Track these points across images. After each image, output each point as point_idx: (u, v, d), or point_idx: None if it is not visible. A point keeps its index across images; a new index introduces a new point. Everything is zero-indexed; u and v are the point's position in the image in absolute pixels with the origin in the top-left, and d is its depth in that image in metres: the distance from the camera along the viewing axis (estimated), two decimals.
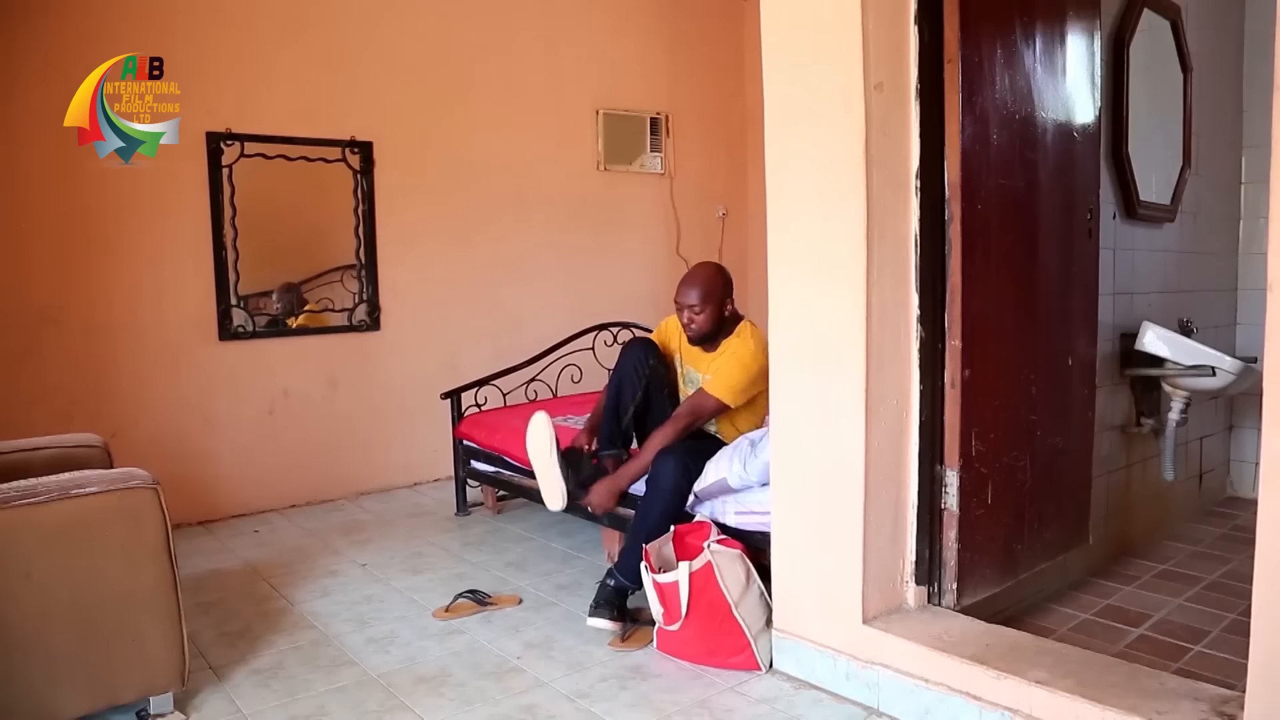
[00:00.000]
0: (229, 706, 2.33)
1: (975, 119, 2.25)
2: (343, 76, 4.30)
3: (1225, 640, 2.48)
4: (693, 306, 2.85)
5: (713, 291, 2.85)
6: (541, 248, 5.01)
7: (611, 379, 3.03)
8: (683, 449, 2.78)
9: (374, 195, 4.40)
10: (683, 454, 2.76)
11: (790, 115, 2.32)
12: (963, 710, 2.02)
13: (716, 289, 2.86)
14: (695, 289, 2.85)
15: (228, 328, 4.07)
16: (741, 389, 2.82)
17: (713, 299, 2.85)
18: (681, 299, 2.89)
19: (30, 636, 2.01)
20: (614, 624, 2.64)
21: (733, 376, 2.82)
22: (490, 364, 4.33)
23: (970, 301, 2.26)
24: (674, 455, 2.74)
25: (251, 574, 3.36)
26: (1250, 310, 3.80)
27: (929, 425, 2.29)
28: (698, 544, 2.54)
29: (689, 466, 2.74)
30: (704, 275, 2.89)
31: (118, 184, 3.74)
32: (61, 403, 3.69)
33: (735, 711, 2.24)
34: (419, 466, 4.61)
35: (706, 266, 2.95)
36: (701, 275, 2.89)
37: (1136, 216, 3.14)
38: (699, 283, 2.86)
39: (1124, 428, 3.21)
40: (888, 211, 2.19)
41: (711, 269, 2.93)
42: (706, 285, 2.85)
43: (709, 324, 2.87)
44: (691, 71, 5.57)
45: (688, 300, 2.86)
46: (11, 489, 2.01)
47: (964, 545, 2.30)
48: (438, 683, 2.44)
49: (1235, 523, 3.53)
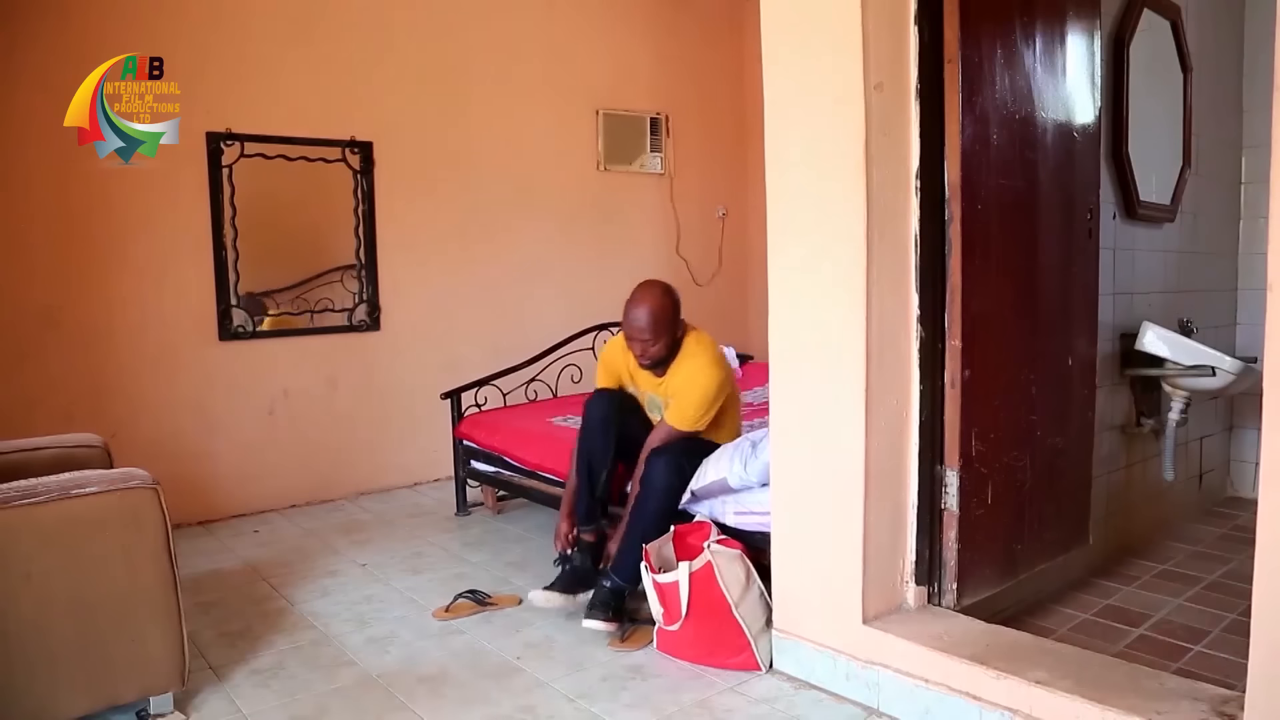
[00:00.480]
0: (229, 706, 2.33)
1: (975, 119, 2.25)
2: (343, 77, 4.30)
3: (1225, 640, 2.48)
4: (646, 340, 2.75)
5: (663, 319, 2.75)
6: (541, 248, 5.01)
7: (579, 451, 2.89)
8: (676, 448, 2.77)
9: (374, 195, 4.40)
10: (676, 453, 2.75)
11: (790, 115, 2.32)
12: (963, 710, 2.02)
13: (667, 315, 2.76)
14: (646, 320, 2.73)
15: (228, 328, 4.07)
16: (703, 415, 2.76)
17: (665, 326, 2.76)
18: (632, 331, 2.77)
19: (30, 636, 2.01)
20: (609, 624, 2.64)
21: (691, 404, 2.75)
22: (490, 364, 4.33)
23: (970, 301, 2.26)
24: (667, 454, 2.74)
25: (251, 574, 3.36)
26: (1250, 310, 3.80)
27: (929, 425, 2.29)
28: (698, 544, 2.54)
29: (682, 465, 2.73)
30: (653, 304, 2.75)
31: (118, 184, 3.75)
32: (62, 403, 3.69)
33: (735, 712, 2.24)
34: (419, 466, 4.61)
35: (652, 291, 2.79)
36: (650, 304, 2.75)
37: (1136, 216, 3.14)
38: (649, 312, 2.74)
39: (1124, 428, 3.21)
40: (888, 211, 2.19)
41: (658, 294, 2.79)
42: (656, 315, 2.74)
43: (663, 351, 2.79)
44: (692, 72, 5.57)
45: (640, 334, 2.75)
46: (12, 489, 2.01)
47: (964, 545, 2.30)
48: (438, 683, 2.43)
49: (1235, 523, 3.53)
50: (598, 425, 2.87)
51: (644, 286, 2.82)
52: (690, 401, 2.76)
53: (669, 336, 2.79)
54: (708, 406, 2.77)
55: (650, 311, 2.75)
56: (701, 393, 2.76)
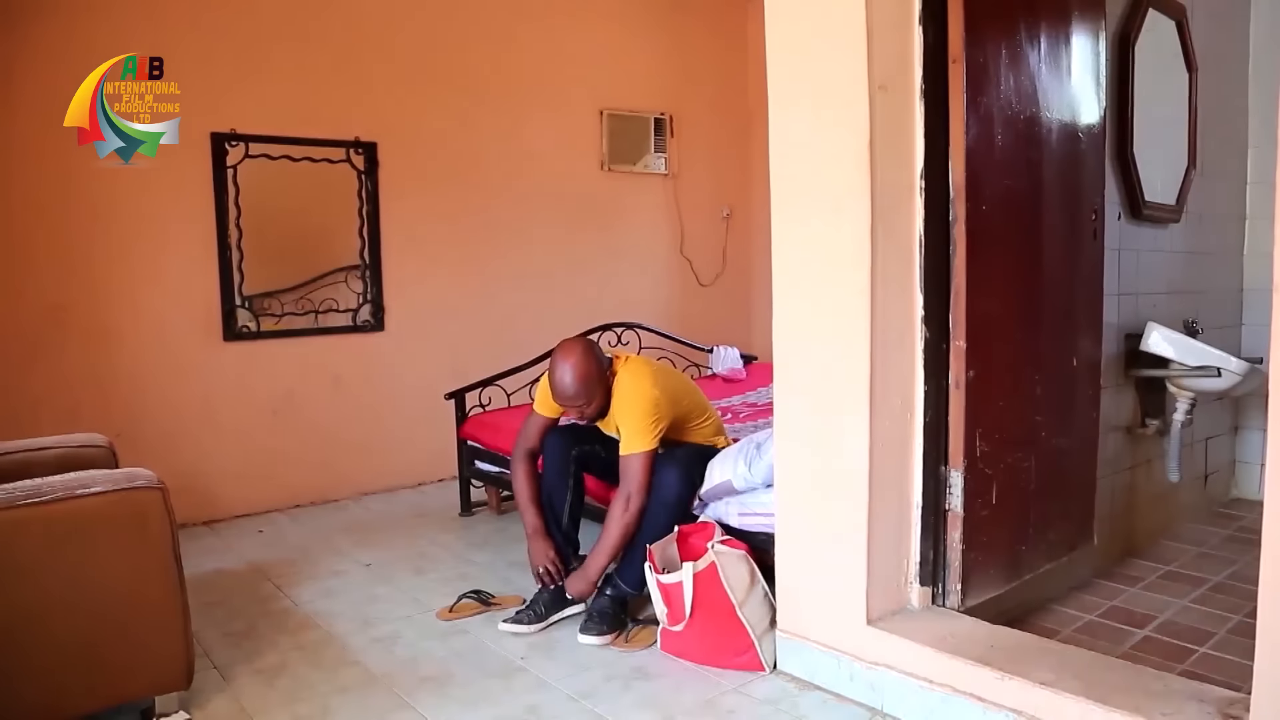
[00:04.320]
0: (233, 706, 2.33)
1: (980, 119, 2.25)
2: (347, 77, 4.31)
3: (1230, 642, 2.47)
4: (581, 404, 2.69)
5: (591, 378, 2.67)
6: (545, 248, 5.02)
7: (541, 488, 2.86)
8: (683, 457, 2.76)
9: (378, 196, 4.41)
10: (684, 463, 2.74)
11: (795, 116, 2.32)
12: (967, 711, 2.02)
13: (594, 375, 2.68)
14: (575, 387, 2.65)
15: (232, 328, 4.08)
16: (652, 432, 2.68)
17: (595, 386, 2.68)
18: (564, 401, 2.71)
19: (36, 635, 2.02)
20: (605, 638, 2.64)
21: (636, 430, 2.67)
22: (494, 364, 4.33)
23: (975, 302, 2.26)
24: (676, 464, 2.72)
25: (256, 574, 3.36)
26: (1256, 311, 3.78)
27: (933, 426, 2.29)
28: (702, 544, 2.55)
29: (692, 475, 2.73)
30: (578, 371, 2.65)
31: (123, 185, 3.75)
32: (67, 403, 3.70)
33: (739, 712, 2.24)
34: (423, 467, 4.62)
35: (572, 354, 2.67)
36: (574, 368, 2.65)
37: (1141, 217, 3.14)
38: (576, 378, 2.64)
39: (1129, 429, 3.21)
40: (892, 212, 2.19)
41: (578, 355, 2.67)
42: (584, 380, 2.65)
43: (601, 405, 2.73)
44: (696, 72, 5.57)
45: (573, 401, 2.68)
46: (17, 489, 2.01)
47: (968, 546, 2.30)
48: (441, 683, 2.44)
49: (1240, 524, 3.52)
50: (556, 468, 2.84)
51: (562, 353, 2.70)
52: (634, 428, 2.68)
53: (602, 392, 2.72)
54: (652, 423, 2.68)
55: (576, 378, 2.65)
56: (641, 414, 2.68)
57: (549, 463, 2.86)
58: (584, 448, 2.88)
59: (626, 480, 2.68)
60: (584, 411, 2.73)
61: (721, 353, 4.82)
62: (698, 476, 2.74)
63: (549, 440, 2.89)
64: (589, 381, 2.67)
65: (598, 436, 2.91)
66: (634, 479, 2.66)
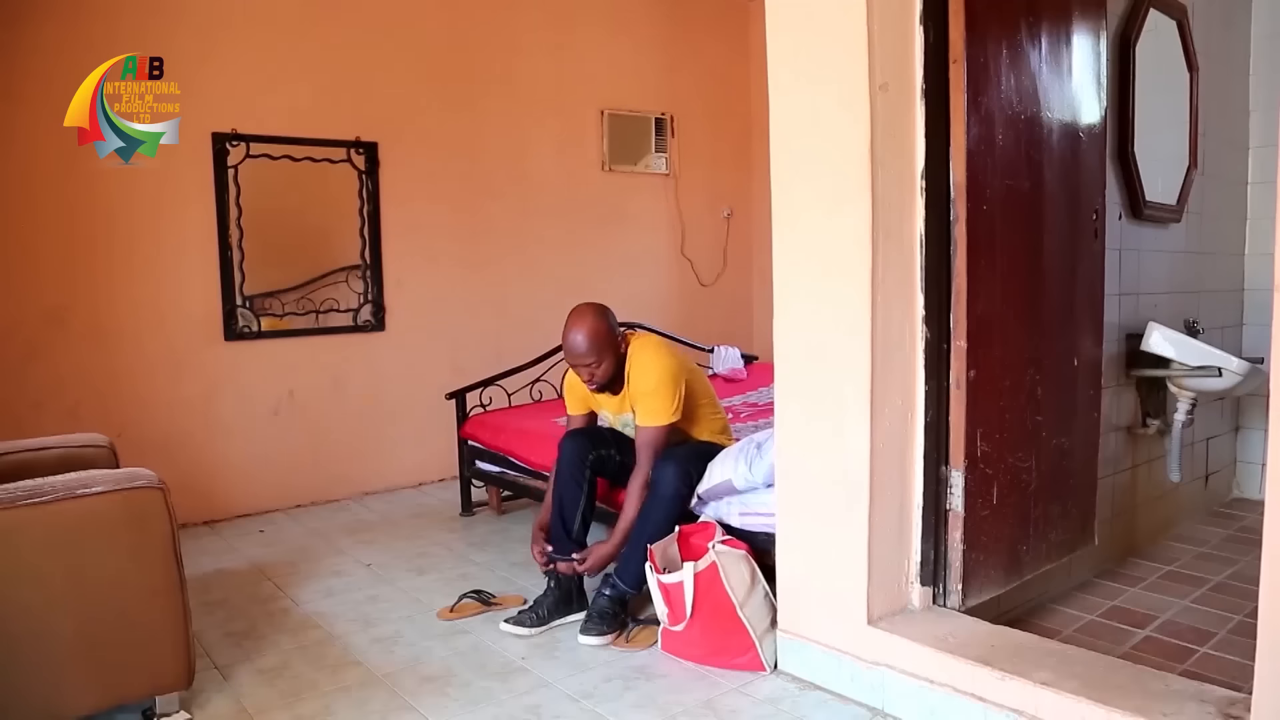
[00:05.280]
0: (234, 706, 2.33)
1: (981, 119, 2.24)
2: (348, 77, 4.31)
3: (1231, 642, 2.47)
4: (590, 364, 2.71)
5: (601, 338, 2.69)
6: (546, 248, 5.02)
7: (553, 488, 2.87)
8: (682, 454, 2.77)
9: (379, 196, 4.41)
10: (683, 460, 2.74)
11: (795, 115, 2.31)
12: (968, 711, 2.02)
13: (604, 334, 2.70)
14: (585, 345, 2.68)
15: (233, 328, 4.08)
16: (672, 405, 2.72)
17: (605, 346, 2.70)
18: (574, 359, 2.72)
19: (37, 635, 2.02)
20: (605, 638, 2.64)
21: (655, 397, 2.72)
22: (495, 364, 4.33)
23: (975, 302, 2.26)
24: (674, 461, 2.73)
25: (257, 574, 3.36)
26: (1257, 311, 3.78)
27: (934, 426, 2.29)
28: (702, 545, 2.55)
29: (689, 472, 2.73)
30: (587, 327, 2.69)
31: (124, 185, 3.76)
32: (68, 403, 3.71)
33: (740, 712, 2.24)
34: (424, 467, 4.62)
35: (584, 315, 2.72)
36: (585, 328, 2.69)
37: (1142, 217, 3.14)
38: (586, 336, 2.68)
39: (1130, 429, 3.21)
40: (893, 212, 2.19)
41: (590, 316, 2.72)
42: (593, 337, 2.68)
43: (610, 370, 2.74)
44: (696, 72, 5.57)
45: (582, 359, 2.70)
46: (18, 489, 2.01)
47: (969, 546, 2.30)
48: (442, 683, 2.44)
49: (1241, 524, 3.52)
50: (569, 469, 2.83)
51: (575, 312, 2.75)
52: (652, 394, 2.72)
53: (612, 354, 2.73)
54: (671, 392, 2.72)
55: (587, 335, 2.69)
56: (657, 381, 2.71)
57: (564, 465, 2.86)
58: (600, 452, 2.88)
59: (642, 449, 2.73)
60: (594, 373, 2.74)
61: (722, 352, 4.81)
62: (696, 474, 2.74)
63: (565, 444, 2.89)
64: (599, 339, 2.69)
65: (614, 441, 2.92)
66: (650, 447, 2.72)
